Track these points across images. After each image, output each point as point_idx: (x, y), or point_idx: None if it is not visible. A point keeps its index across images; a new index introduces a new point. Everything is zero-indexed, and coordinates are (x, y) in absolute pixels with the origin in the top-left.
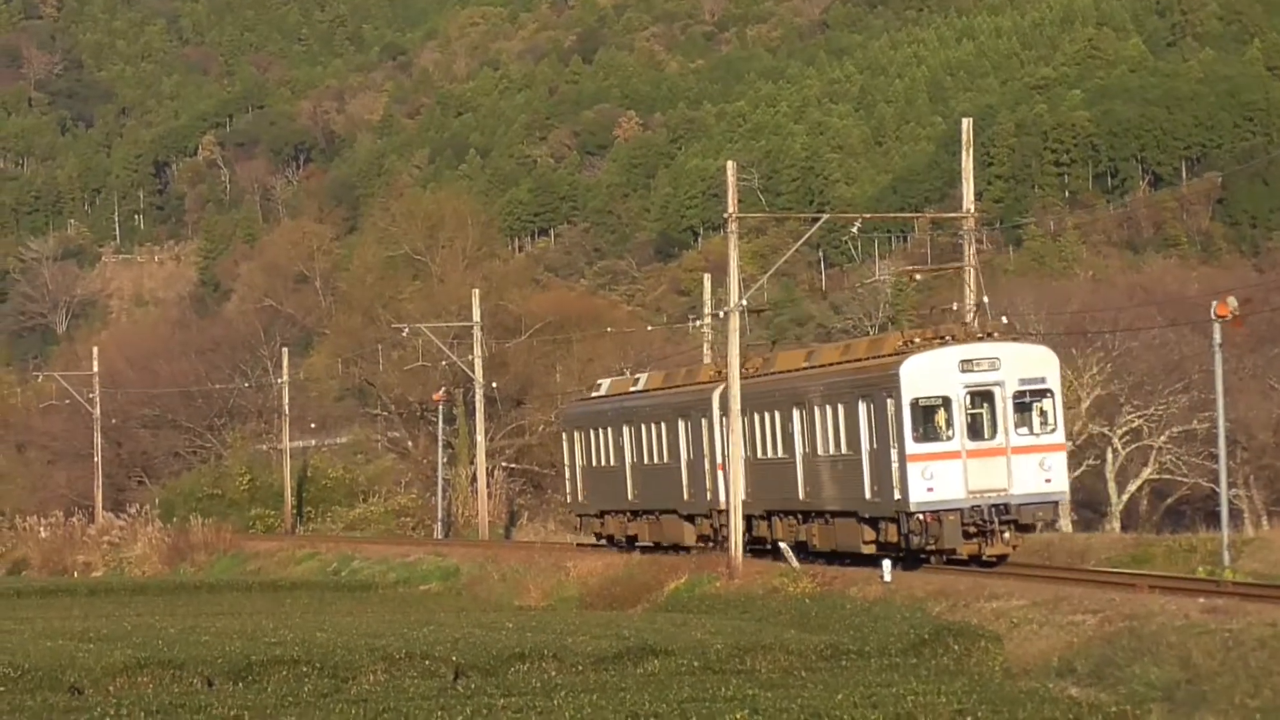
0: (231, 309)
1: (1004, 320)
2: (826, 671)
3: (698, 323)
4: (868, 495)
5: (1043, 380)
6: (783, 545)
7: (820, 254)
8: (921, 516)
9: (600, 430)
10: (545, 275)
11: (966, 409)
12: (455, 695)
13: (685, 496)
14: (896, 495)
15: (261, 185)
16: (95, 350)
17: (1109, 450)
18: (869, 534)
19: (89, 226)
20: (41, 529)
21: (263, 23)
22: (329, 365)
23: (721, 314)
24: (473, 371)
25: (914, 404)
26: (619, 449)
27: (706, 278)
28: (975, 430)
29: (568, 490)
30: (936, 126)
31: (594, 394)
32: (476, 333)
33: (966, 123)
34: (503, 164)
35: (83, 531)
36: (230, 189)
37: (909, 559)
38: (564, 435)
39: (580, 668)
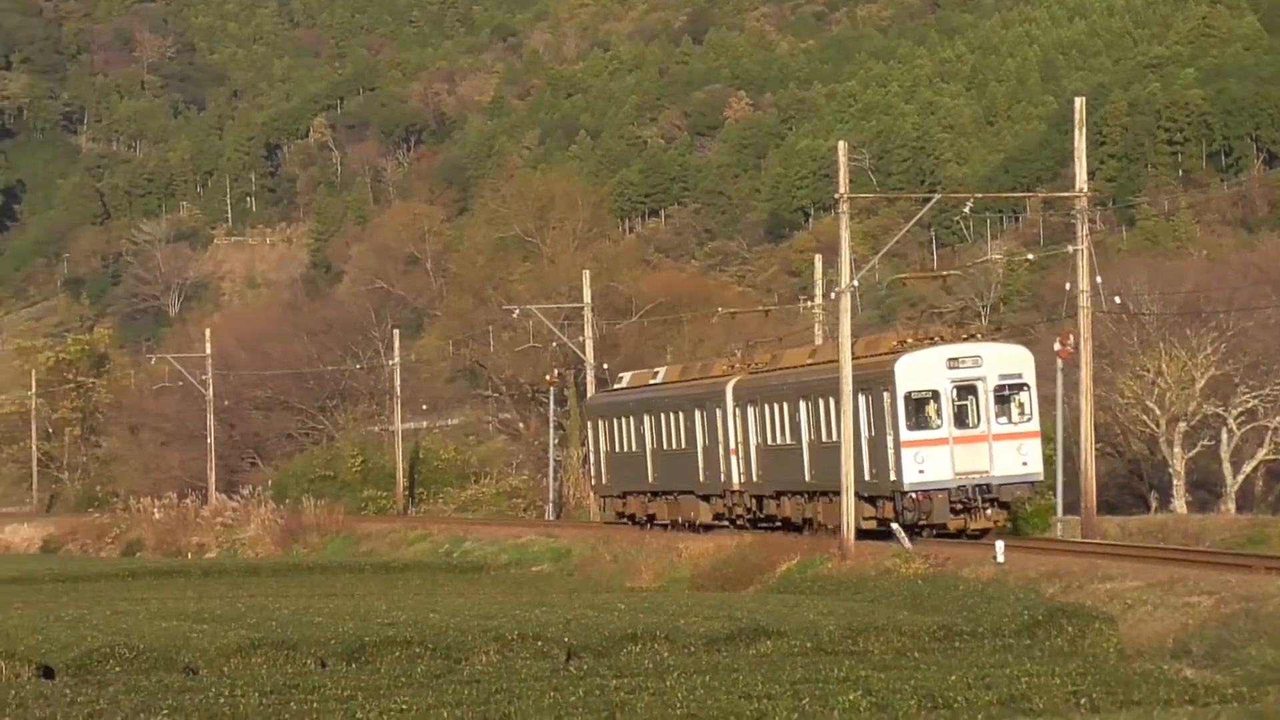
0: (343, 290)
1: (1116, 300)
2: (939, 653)
3: (809, 304)
4: (867, 477)
5: (1020, 376)
6: (895, 527)
7: (932, 234)
8: (914, 495)
9: (623, 419)
10: (656, 256)
11: (953, 401)
12: (568, 676)
13: (701, 479)
14: (892, 477)
15: (372, 167)
16: (208, 332)
17: (1224, 431)
18: (868, 511)
19: (201, 209)
20: (155, 510)
21: (373, 4)
22: (440, 347)
23: (833, 294)
24: (583, 353)
25: (907, 397)
26: (640, 436)
27: (818, 258)
28: (961, 420)
29: (592, 474)
30: (1048, 106)
31: (616, 386)
32: (587, 314)
33: (1079, 102)
34: (613, 145)
35: (196, 513)
36: (341, 171)
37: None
38: (589, 423)
39: (692, 649)
